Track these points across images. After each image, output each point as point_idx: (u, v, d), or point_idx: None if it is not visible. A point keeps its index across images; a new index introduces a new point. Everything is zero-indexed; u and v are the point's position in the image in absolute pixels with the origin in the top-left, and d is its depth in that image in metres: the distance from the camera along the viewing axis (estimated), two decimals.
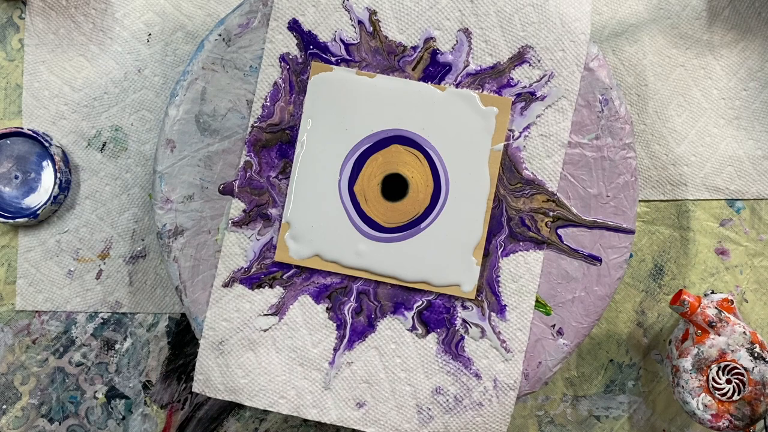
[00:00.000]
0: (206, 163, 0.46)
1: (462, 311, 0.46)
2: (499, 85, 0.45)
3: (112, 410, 0.52)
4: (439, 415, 0.46)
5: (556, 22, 0.45)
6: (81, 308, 0.52)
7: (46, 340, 0.52)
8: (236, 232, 0.46)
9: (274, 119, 0.46)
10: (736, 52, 0.54)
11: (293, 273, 0.46)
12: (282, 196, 0.46)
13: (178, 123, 0.45)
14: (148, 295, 0.53)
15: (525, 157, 0.45)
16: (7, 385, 0.52)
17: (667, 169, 0.53)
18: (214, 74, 0.46)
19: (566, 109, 0.45)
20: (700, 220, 0.54)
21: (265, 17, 0.45)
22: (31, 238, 0.52)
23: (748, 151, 0.53)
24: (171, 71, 0.53)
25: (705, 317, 0.47)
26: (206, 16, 0.53)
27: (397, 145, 0.45)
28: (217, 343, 0.45)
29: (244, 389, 0.45)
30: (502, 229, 0.45)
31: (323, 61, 0.45)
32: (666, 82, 0.53)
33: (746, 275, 0.54)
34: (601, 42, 0.53)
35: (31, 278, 0.52)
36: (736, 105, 0.54)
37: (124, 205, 0.52)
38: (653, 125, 0.53)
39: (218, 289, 0.46)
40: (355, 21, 0.45)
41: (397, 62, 0.45)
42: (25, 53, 0.52)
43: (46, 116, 0.52)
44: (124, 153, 0.52)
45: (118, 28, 0.52)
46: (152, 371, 0.53)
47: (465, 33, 0.45)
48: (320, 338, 0.46)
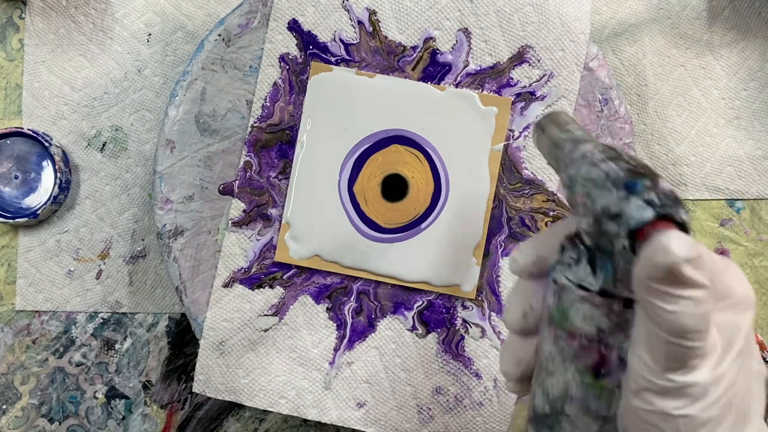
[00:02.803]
0: (206, 163, 0.46)
1: (462, 311, 0.46)
2: (499, 84, 0.45)
3: (112, 410, 0.52)
4: (440, 415, 0.46)
5: (555, 22, 0.45)
6: (81, 308, 0.52)
7: (46, 340, 0.52)
8: (236, 233, 0.46)
9: (274, 119, 0.46)
10: (736, 52, 0.54)
11: (293, 273, 0.46)
12: (282, 196, 0.46)
13: (178, 123, 0.45)
14: (148, 295, 0.53)
15: (525, 157, 0.45)
16: (7, 385, 0.52)
17: (667, 169, 0.53)
18: (214, 74, 0.46)
19: (566, 109, 0.45)
20: (700, 220, 0.53)
21: (265, 17, 0.45)
22: (31, 238, 0.52)
23: (748, 151, 0.53)
24: (171, 71, 0.53)
25: None
26: (206, 16, 0.53)
27: (397, 145, 0.45)
28: (217, 344, 0.45)
29: (245, 389, 0.45)
30: (503, 228, 0.45)
31: (323, 61, 0.45)
32: (666, 82, 0.53)
33: (746, 275, 0.54)
34: (600, 42, 0.53)
35: (31, 278, 0.52)
36: (736, 105, 0.54)
37: (124, 205, 0.52)
38: (653, 125, 0.53)
39: (218, 289, 0.46)
40: (355, 21, 0.45)
41: (396, 62, 0.45)
42: (25, 53, 0.52)
43: (46, 116, 0.52)
44: (124, 153, 0.52)
45: (118, 28, 0.52)
46: (152, 371, 0.53)
47: (464, 33, 0.45)
48: (320, 338, 0.46)
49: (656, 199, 0.23)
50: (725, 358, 0.22)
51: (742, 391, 0.23)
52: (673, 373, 0.22)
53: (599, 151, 0.25)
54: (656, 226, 0.22)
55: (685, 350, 0.21)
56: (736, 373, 0.23)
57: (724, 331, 0.23)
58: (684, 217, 0.23)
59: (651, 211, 0.22)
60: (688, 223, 0.23)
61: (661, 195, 0.23)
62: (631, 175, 0.23)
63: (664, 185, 0.23)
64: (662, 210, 0.22)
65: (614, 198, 0.23)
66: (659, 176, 0.24)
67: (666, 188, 0.23)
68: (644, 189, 0.23)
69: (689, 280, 0.21)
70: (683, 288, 0.21)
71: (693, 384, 0.22)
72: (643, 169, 0.24)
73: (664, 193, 0.23)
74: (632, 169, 0.24)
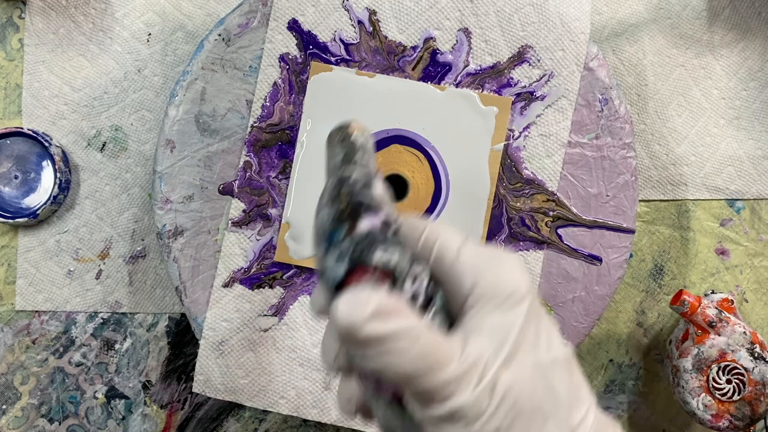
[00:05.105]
0: (206, 163, 0.46)
1: None
2: (499, 84, 0.45)
3: (111, 410, 0.52)
4: None
5: (555, 22, 0.45)
6: (81, 308, 0.52)
7: (45, 340, 0.52)
8: (236, 233, 0.46)
9: (274, 119, 0.46)
10: (736, 52, 0.54)
11: (293, 273, 0.46)
12: (282, 196, 0.46)
13: (178, 123, 0.45)
14: (148, 295, 0.52)
15: (525, 157, 0.45)
16: (7, 385, 0.52)
17: (667, 168, 0.53)
18: (214, 74, 0.45)
19: (566, 109, 0.45)
20: (700, 220, 0.53)
21: (265, 17, 0.45)
22: (31, 238, 0.52)
23: (749, 151, 0.53)
24: (171, 71, 0.53)
25: (705, 317, 0.47)
26: (206, 15, 0.53)
27: (397, 145, 0.45)
28: (217, 344, 0.45)
29: (244, 389, 0.45)
30: (503, 228, 0.45)
31: (323, 61, 0.45)
32: (666, 81, 0.53)
33: (746, 275, 0.54)
34: (601, 42, 0.53)
35: (31, 278, 0.52)
36: (737, 105, 0.54)
37: (123, 205, 0.52)
38: (653, 125, 0.53)
39: (218, 289, 0.45)
40: (355, 21, 0.45)
41: (396, 62, 0.45)
42: (25, 53, 0.52)
43: (45, 116, 0.52)
44: (123, 153, 0.52)
45: (118, 28, 0.52)
46: (152, 371, 0.52)
47: (465, 33, 0.45)
48: (320, 338, 0.46)
49: (350, 248, 0.21)
50: (491, 367, 0.21)
51: (528, 390, 0.21)
52: (431, 406, 0.21)
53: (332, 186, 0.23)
54: (351, 280, 0.21)
55: (424, 390, 0.20)
56: (516, 374, 0.21)
57: (494, 336, 0.22)
58: (382, 258, 0.21)
59: (343, 266, 0.21)
60: (389, 262, 0.21)
61: (355, 242, 0.21)
62: (332, 225, 0.22)
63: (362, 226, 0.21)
64: (353, 260, 0.21)
65: (321, 253, 0.22)
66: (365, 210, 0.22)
67: (362, 231, 0.21)
68: (340, 240, 0.21)
69: (373, 339, 0.20)
70: (375, 345, 0.20)
71: (457, 409, 0.21)
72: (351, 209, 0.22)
73: (358, 239, 0.21)
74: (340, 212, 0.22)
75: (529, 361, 0.22)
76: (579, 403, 0.23)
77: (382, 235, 0.22)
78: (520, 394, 0.21)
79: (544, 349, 0.23)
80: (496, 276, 0.23)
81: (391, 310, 0.20)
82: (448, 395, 0.21)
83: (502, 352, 0.22)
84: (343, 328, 0.20)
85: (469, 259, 0.23)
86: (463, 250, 0.24)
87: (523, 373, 0.22)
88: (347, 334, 0.20)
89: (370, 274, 0.21)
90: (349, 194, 0.23)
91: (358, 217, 0.22)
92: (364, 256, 0.21)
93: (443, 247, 0.24)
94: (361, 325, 0.20)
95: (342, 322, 0.20)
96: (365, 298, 0.20)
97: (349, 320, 0.20)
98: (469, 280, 0.23)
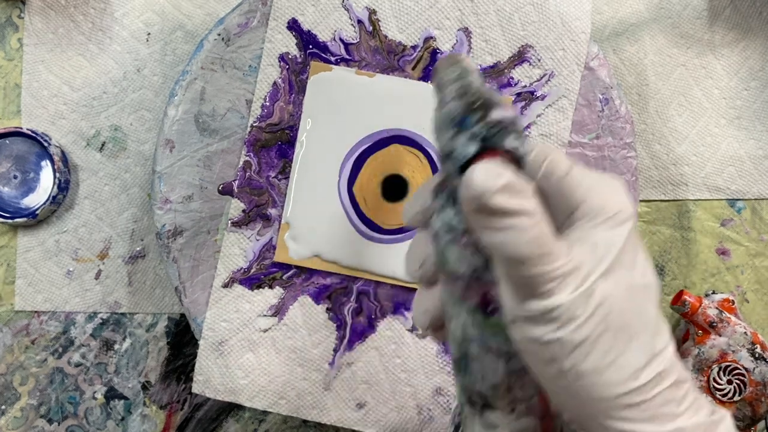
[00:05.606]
0: (205, 163, 0.46)
1: None
2: (499, 84, 0.45)
3: (111, 411, 0.52)
4: (440, 416, 0.45)
5: (556, 21, 0.45)
6: (80, 308, 0.52)
7: (45, 341, 0.52)
8: (236, 233, 0.45)
9: (274, 119, 0.45)
10: (737, 51, 0.54)
11: (293, 273, 0.46)
12: (281, 196, 0.46)
13: (177, 123, 0.45)
14: (147, 296, 0.52)
15: None
16: (6, 386, 0.52)
17: (668, 168, 0.53)
18: (213, 74, 0.45)
19: (567, 109, 0.45)
20: (701, 220, 0.53)
21: (265, 17, 0.45)
22: (30, 238, 0.52)
23: (750, 151, 0.53)
24: (170, 71, 0.52)
25: (706, 317, 0.47)
26: (205, 15, 0.53)
27: (397, 145, 0.45)
28: (216, 344, 0.45)
29: (244, 390, 0.45)
30: None
31: (323, 61, 0.45)
32: (667, 81, 0.53)
33: (747, 275, 0.54)
34: (601, 41, 0.53)
35: (30, 278, 0.52)
36: (738, 105, 0.53)
37: (123, 205, 0.52)
38: (654, 125, 0.53)
39: (218, 289, 0.45)
40: (355, 20, 0.45)
41: (396, 61, 0.45)
42: (24, 53, 0.52)
43: (45, 116, 0.52)
44: (123, 153, 0.52)
45: (117, 28, 0.52)
46: (151, 372, 0.52)
47: (465, 32, 0.45)
48: (320, 339, 0.46)
49: (483, 132, 0.22)
50: (591, 275, 0.22)
51: (619, 307, 0.22)
52: (529, 301, 0.21)
53: (456, 89, 0.24)
54: (481, 159, 0.22)
55: (530, 278, 0.21)
56: (612, 289, 0.22)
57: (597, 249, 0.22)
58: (513, 143, 0.22)
59: (474, 146, 0.22)
60: (519, 148, 0.22)
61: (488, 126, 0.22)
62: (464, 112, 0.23)
63: (494, 115, 0.22)
64: (485, 142, 0.22)
65: (448, 137, 0.23)
66: (496, 106, 0.23)
67: (495, 118, 0.22)
68: (472, 123, 0.22)
69: (500, 210, 0.21)
70: (500, 218, 0.21)
71: (553, 308, 0.21)
72: (482, 102, 0.23)
73: (492, 123, 0.22)
74: (470, 103, 0.23)
75: (624, 279, 0.22)
76: (662, 332, 0.23)
77: (512, 125, 0.23)
78: (612, 308, 0.22)
79: (639, 273, 0.23)
80: (604, 195, 0.24)
81: (520, 189, 0.21)
82: (548, 292, 0.21)
83: (602, 265, 0.22)
84: (477, 194, 0.21)
85: (578, 177, 0.24)
86: (574, 168, 0.24)
87: (618, 288, 0.22)
88: (479, 200, 0.21)
89: (501, 156, 0.22)
90: (478, 91, 0.24)
91: (490, 108, 0.23)
92: (497, 139, 0.22)
93: (553, 164, 0.24)
94: (494, 193, 0.21)
95: (476, 188, 0.21)
96: (499, 170, 0.21)
97: (484, 186, 0.21)
98: (578, 195, 0.24)
